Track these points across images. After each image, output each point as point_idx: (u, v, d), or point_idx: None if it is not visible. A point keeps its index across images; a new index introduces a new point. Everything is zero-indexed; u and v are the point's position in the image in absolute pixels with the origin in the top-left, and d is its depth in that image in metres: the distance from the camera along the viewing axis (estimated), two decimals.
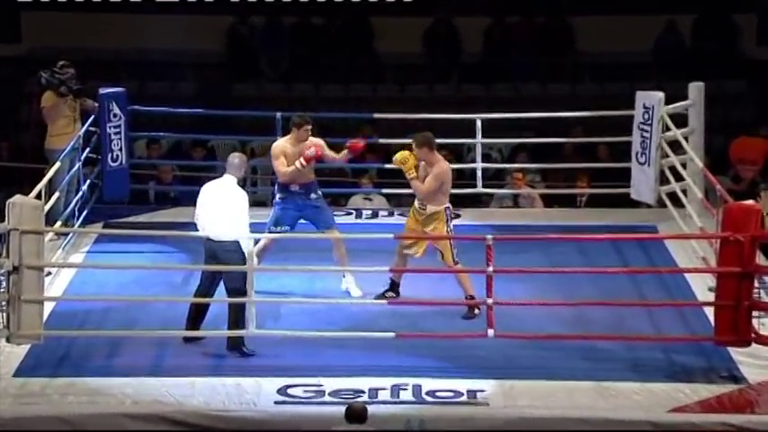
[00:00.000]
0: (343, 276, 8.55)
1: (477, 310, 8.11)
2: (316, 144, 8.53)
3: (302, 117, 8.56)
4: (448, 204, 8.35)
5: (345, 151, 8.67)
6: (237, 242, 7.66)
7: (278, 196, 8.57)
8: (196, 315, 7.76)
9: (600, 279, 8.42)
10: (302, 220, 8.61)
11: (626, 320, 8.03)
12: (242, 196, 7.72)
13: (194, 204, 7.89)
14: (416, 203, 8.40)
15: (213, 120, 12.36)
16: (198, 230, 7.81)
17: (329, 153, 8.70)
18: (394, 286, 8.43)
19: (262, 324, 7.69)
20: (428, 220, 8.35)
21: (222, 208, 7.69)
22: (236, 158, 7.84)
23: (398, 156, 8.40)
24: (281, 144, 8.56)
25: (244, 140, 12.32)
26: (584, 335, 7.79)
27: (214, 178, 7.89)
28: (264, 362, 7.58)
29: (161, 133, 11.40)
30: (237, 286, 7.64)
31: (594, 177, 10.98)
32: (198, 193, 7.87)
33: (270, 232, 8.38)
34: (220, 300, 7.73)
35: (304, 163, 8.42)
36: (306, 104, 13.23)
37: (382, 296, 8.33)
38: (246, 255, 7.59)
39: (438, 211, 8.31)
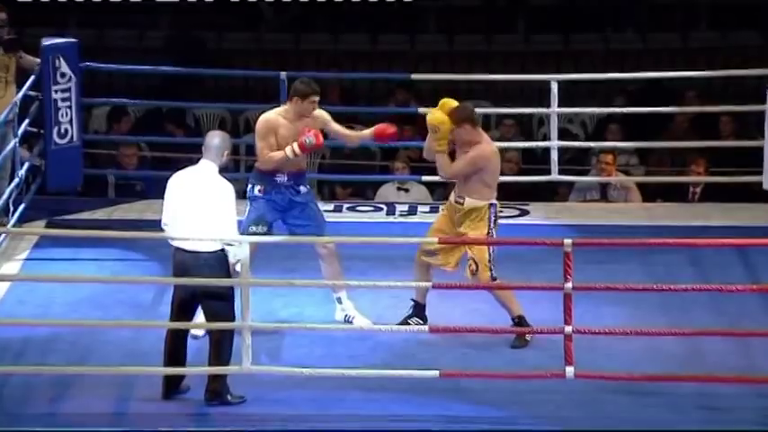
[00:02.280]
0: (339, 302, 8.47)
1: (529, 337, 8.13)
2: (319, 118, 8.32)
3: (308, 84, 8.34)
4: (494, 201, 8.29)
5: (369, 132, 8.49)
6: (220, 254, 7.62)
7: (256, 189, 8.41)
8: (173, 350, 7.69)
9: (720, 300, 8.42)
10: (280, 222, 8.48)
11: (756, 357, 8.01)
12: (224, 189, 7.66)
13: None
14: (453, 195, 8.35)
15: (196, 82, 12.40)
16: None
17: (337, 128, 8.47)
18: (419, 309, 8.37)
19: (259, 359, 7.68)
20: (463, 219, 8.28)
21: (198, 206, 7.62)
22: (215, 138, 7.75)
23: (434, 117, 8.25)
24: (273, 118, 8.36)
25: (236, 109, 12.38)
26: (698, 376, 7.77)
27: (197, 161, 7.88)
28: (264, 409, 7.58)
29: (125, 100, 11.45)
30: (221, 311, 7.60)
31: (714, 161, 10.96)
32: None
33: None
34: (206, 325, 7.73)
35: (298, 152, 8.26)
36: (320, 61, 13.27)
37: (404, 324, 8.28)
38: (240, 264, 7.58)
39: (479, 208, 8.24)
